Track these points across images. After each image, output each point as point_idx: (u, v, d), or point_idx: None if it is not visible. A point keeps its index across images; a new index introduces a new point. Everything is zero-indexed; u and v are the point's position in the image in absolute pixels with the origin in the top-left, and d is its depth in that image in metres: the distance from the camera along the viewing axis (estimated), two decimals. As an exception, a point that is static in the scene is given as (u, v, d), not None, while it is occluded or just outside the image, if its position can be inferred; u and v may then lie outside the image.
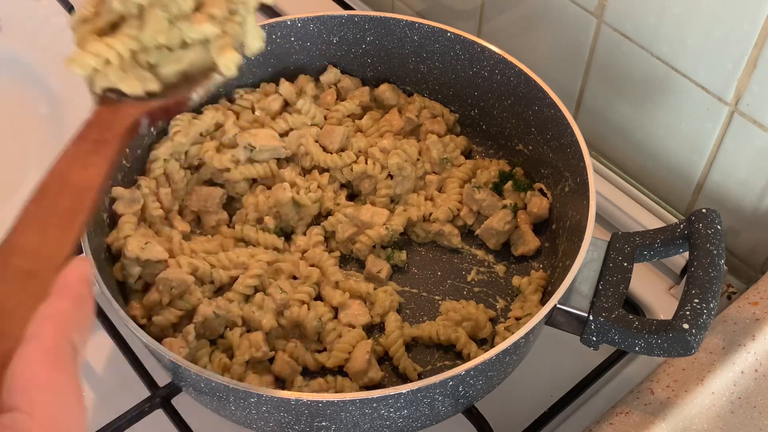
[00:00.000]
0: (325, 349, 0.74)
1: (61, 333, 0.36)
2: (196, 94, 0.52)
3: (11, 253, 0.38)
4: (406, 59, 0.90)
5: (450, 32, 0.85)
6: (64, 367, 0.35)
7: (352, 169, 0.84)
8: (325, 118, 0.88)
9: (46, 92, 0.97)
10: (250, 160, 0.83)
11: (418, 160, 0.85)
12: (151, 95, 0.50)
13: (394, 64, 0.91)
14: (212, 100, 0.88)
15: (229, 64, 0.51)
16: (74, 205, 0.41)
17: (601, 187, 0.88)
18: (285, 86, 0.89)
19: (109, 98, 0.48)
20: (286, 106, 0.89)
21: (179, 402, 0.71)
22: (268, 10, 1.10)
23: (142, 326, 0.69)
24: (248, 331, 0.74)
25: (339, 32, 0.89)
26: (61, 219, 0.40)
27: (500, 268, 0.82)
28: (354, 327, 0.75)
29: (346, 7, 1.09)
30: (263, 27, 0.86)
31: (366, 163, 0.84)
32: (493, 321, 0.77)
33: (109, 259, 0.75)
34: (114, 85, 0.49)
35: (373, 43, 0.89)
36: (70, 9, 1.05)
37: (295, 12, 0.92)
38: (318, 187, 0.83)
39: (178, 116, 0.83)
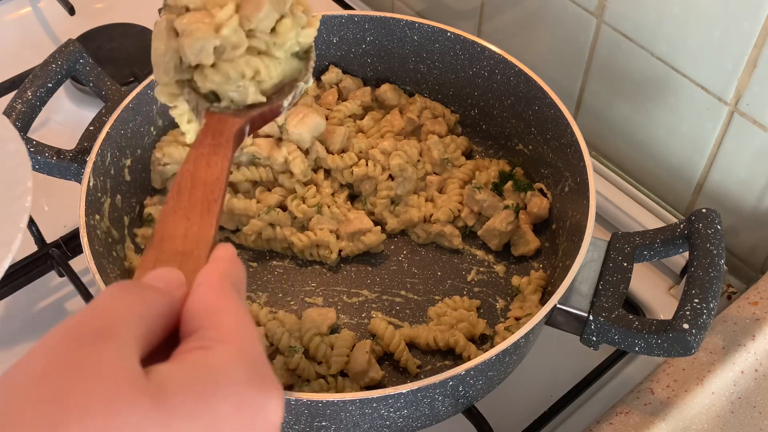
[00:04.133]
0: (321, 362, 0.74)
1: (223, 276, 0.41)
2: (287, 102, 0.57)
3: (163, 240, 0.44)
4: (406, 59, 0.90)
5: (450, 32, 0.85)
6: (232, 297, 0.40)
7: (352, 172, 0.84)
8: (327, 118, 0.88)
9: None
10: (253, 163, 0.84)
11: (418, 161, 0.85)
12: (252, 106, 0.55)
13: (394, 64, 0.91)
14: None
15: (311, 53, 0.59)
16: (207, 195, 0.47)
17: (601, 187, 0.88)
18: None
19: (215, 114, 0.54)
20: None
21: (179, 402, 0.71)
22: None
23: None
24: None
25: (339, 32, 0.89)
26: (199, 207, 0.46)
27: (500, 268, 0.82)
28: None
29: (346, 7, 1.09)
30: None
31: (366, 165, 0.84)
32: (493, 321, 0.77)
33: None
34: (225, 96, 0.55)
35: (373, 43, 0.89)
36: (71, 10, 1.05)
37: (295, 12, 0.91)
38: (317, 191, 0.83)
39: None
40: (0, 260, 0.63)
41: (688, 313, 0.62)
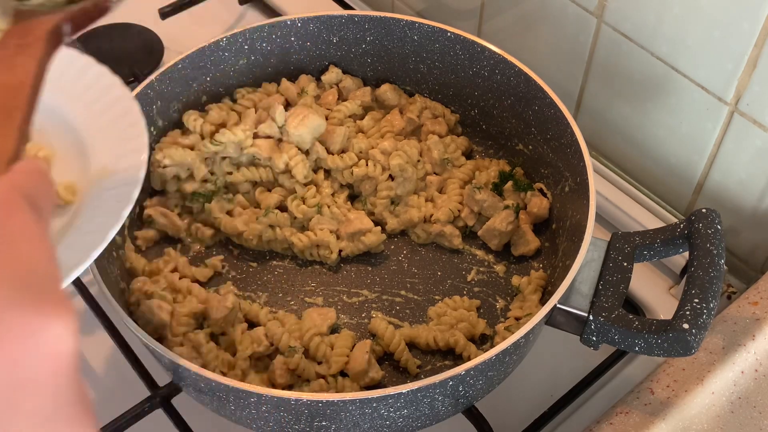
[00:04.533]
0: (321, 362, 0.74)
1: (13, 189, 0.36)
2: None
3: None
4: (406, 59, 0.90)
5: (450, 32, 0.85)
6: (18, 210, 0.35)
7: (352, 173, 0.84)
8: (327, 118, 0.88)
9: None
10: (253, 164, 0.84)
11: (418, 161, 0.85)
12: (70, 2, 0.51)
13: (394, 64, 0.91)
14: (215, 99, 0.88)
15: None
16: (8, 102, 0.43)
17: (601, 187, 0.88)
18: (286, 86, 0.89)
19: (25, 12, 0.49)
20: (288, 106, 0.89)
21: (179, 402, 0.71)
22: (268, 10, 1.10)
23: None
24: (249, 328, 0.74)
25: (339, 32, 0.89)
26: None
27: (500, 268, 0.82)
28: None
29: (346, 7, 1.09)
30: (263, 27, 0.86)
31: (366, 166, 0.84)
32: (493, 321, 0.77)
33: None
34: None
35: (373, 43, 0.89)
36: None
37: (295, 12, 0.92)
38: (317, 192, 0.84)
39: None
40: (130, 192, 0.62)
41: (688, 313, 0.62)
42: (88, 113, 0.70)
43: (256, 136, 0.84)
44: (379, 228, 0.82)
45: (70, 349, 0.31)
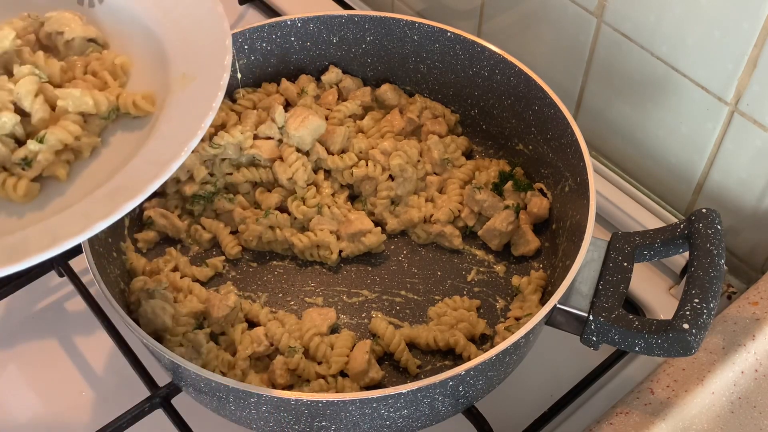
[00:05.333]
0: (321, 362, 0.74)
1: None
2: None
3: None
4: (406, 59, 0.90)
5: (450, 32, 0.85)
6: None
7: (352, 173, 0.84)
8: (327, 118, 0.88)
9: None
10: (253, 164, 0.84)
11: (419, 161, 0.85)
12: None
13: (394, 64, 0.91)
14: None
15: None
16: None
17: (601, 187, 0.88)
18: (286, 86, 0.89)
19: None
20: (288, 106, 0.89)
21: (179, 402, 0.71)
22: (268, 10, 1.10)
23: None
24: (249, 328, 0.75)
25: (339, 32, 0.89)
26: None
27: (500, 268, 0.82)
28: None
29: (346, 7, 1.09)
30: (263, 27, 0.86)
31: (367, 166, 0.84)
32: (493, 321, 0.77)
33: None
34: None
35: (373, 43, 0.89)
36: None
37: (295, 12, 0.92)
38: (317, 192, 0.83)
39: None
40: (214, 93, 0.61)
41: (688, 313, 0.62)
42: (167, 19, 0.68)
43: (256, 137, 0.84)
44: (379, 229, 0.82)
45: None
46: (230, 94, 0.89)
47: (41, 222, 0.58)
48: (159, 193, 0.84)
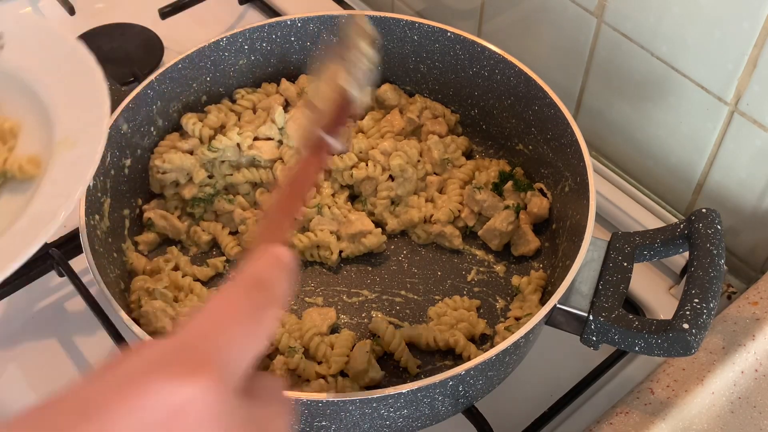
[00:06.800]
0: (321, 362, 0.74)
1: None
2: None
3: None
4: (406, 59, 0.90)
5: (450, 32, 0.85)
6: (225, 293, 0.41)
7: (352, 174, 0.84)
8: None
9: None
10: (254, 165, 0.84)
11: (419, 161, 0.85)
12: None
13: (394, 64, 0.91)
14: (215, 99, 0.88)
15: None
16: (295, 192, 0.53)
17: (601, 187, 0.88)
18: (286, 86, 0.89)
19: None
20: (288, 106, 0.89)
21: (179, 402, 0.71)
22: (268, 10, 1.10)
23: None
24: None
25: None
26: None
27: (500, 268, 0.82)
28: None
29: (346, 7, 1.09)
30: (263, 27, 0.86)
31: (367, 166, 0.84)
32: (493, 321, 0.77)
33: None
34: None
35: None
36: (71, 10, 1.05)
37: (295, 12, 0.92)
38: (317, 192, 0.83)
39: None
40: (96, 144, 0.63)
41: (688, 313, 0.62)
42: (51, 80, 0.70)
43: (256, 138, 0.84)
44: (379, 230, 0.82)
45: (200, 405, 0.32)
46: (230, 94, 0.89)
47: None
48: (158, 195, 0.84)
